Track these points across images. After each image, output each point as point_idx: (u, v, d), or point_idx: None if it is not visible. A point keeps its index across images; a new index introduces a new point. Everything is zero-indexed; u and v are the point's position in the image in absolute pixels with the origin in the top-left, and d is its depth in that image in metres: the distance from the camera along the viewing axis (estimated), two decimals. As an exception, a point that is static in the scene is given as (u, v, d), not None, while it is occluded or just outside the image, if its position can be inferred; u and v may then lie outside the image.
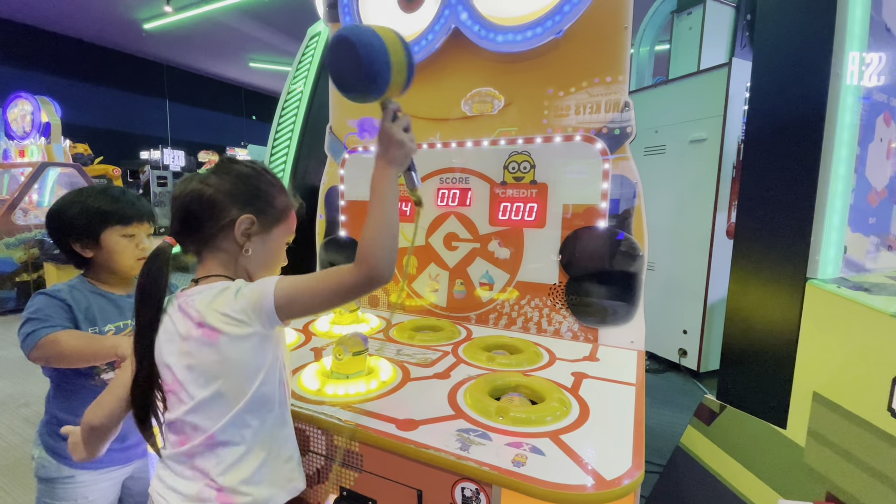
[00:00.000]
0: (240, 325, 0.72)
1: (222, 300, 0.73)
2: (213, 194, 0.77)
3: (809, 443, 1.13)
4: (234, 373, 0.74)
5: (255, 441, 0.77)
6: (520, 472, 0.76)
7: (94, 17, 10.31)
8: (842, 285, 1.11)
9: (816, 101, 1.09)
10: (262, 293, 0.72)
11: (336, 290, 0.73)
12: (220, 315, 0.72)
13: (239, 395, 0.75)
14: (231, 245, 0.80)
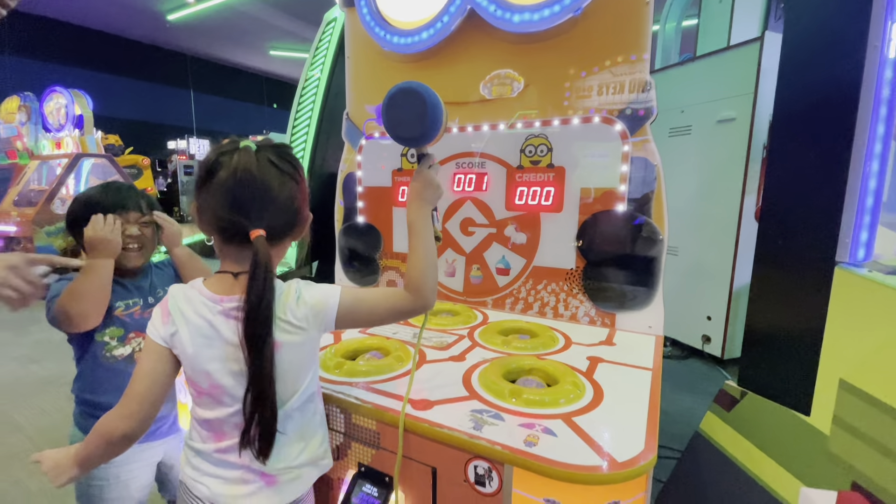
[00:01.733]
0: (299, 332, 0.74)
1: (283, 307, 0.73)
2: (296, 193, 0.75)
3: (834, 431, 1.11)
4: (287, 377, 0.75)
5: (295, 431, 0.79)
6: (531, 452, 0.77)
7: (121, 10, 10.54)
8: (874, 269, 1.07)
9: (851, 74, 1.03)
10: (326, 302, 0.76)
11: (391, 312, 0.83)
12: (281, 322, 0.72)
13: (288, 396, 0.76)
14: (285, 244, 0.81)
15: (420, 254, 0.83)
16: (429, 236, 0.85)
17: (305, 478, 0.81)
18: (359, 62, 1.89)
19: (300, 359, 0.77)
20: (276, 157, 0.74)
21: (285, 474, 0.77)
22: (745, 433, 1.31)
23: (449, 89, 1.66)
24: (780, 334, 1.23)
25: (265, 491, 0.76)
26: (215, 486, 0.76)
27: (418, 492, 0.90)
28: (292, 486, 0.78)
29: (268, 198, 0.72)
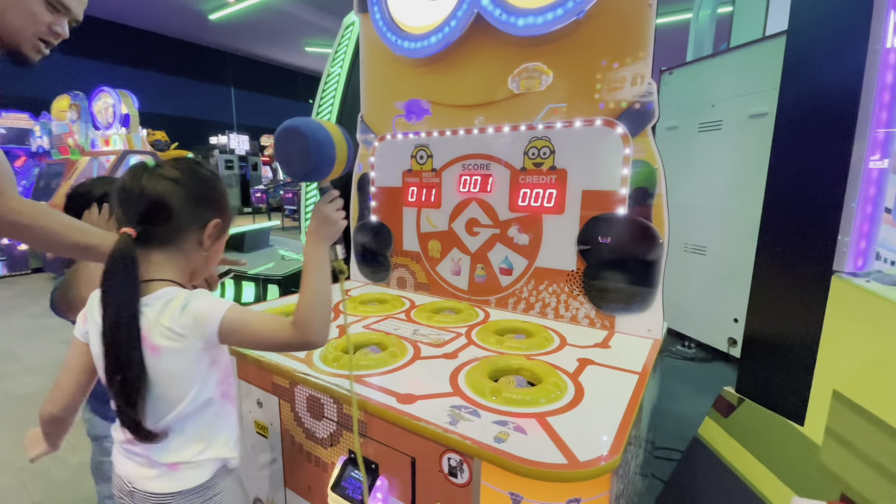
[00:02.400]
0: (180, 339, 0.77)
1: (168, 314, 0.77)
2: (189, 196, 0.81)
3: (826, 442, 1.09)
4: (173, 381, 0.79)
5: (195, 431, 0.84)
6: (499, 448, 0.81)
7: (166, 11, 11.06)
8: (875, 279, 1.04)
9: (851, 80, 1.00)
10: (208, 317, 0.76)
11: (272, 342, 0.81)
12: (164, 329, 0.76)
13: (177, 400, 0.80)
14: (191, 246, 0.84)
15: (309, 290, 0.80)
16: (321, 274, 0.82)
17: (207, 469, 0.85)
18: (372, 66, 1.95)
19: (183, 366, 0.79)
20: (166, 168, 0.81)
21: (186, 466, 0.83)
22: (741, 440, 1.30)
23: (457, 91, 1.70)
24: (777, 342, 1.21)
25: (168, 475, 0.83)
26: (129, 468, 0.84)
27: (400, 479, 0.96)
28: (194, 474, 0.84)
29: (140, 201, 0.79)
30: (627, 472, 1.01)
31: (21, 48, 0.90)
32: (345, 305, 0.91)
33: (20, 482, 1.97)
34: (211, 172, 0.88)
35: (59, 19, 0.93)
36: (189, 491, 0.83)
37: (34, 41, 0.91)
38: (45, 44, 0.94)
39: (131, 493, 0.85)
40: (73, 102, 5.61)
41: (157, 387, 0.79)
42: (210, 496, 0.86)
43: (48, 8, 0.90)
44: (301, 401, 1.14)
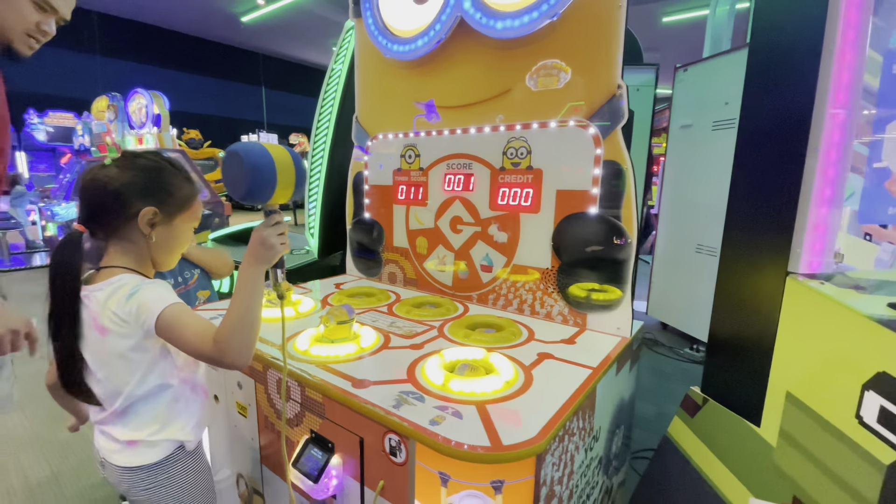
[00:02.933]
0: (123, 325, 0.84)
1: (115, 299, 0.83)
2: (118, 187, 0.86)
3: (780, 443, 1.09)
4: (118, 363, 0.87)
5: (149, 413, 0.92)
6: (431, 430, 0.87)
7: (200, 15, 11.55)
8: (829, 281, 1.03)
9: (807, 77, 1.00)
10: (147, 311, 0.82)
11: (196, 351, 0.84)
12: (111, 313, 0.83)
13: (123, 383, 0.88)
14: (136, 234, 0.89)
15: (235, 311, 0.81)
16: (251, 296, 0.83)
17: (162, 448, 0.93)
18: (366, 68, 2.03)
19: (126, 350, 0.85)
20: (108, 167, 0.88)
21: (142, 444, 0.92)
22: (705, 439, 1.30)
23: (444, 92, 1.76)
24: (737, 343, 1.21)
25: (128, 450, 0.92)
26: (101, 441, 0.95)
27: (351, 457, 1.03)
28: (150, 452, 0.93)
29: (83, 198, 0.88)
30: (571, 462, 1.04)
31: (12, 44, 1.03)
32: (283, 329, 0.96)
33: (43, 455, 2.15)
34: (153, 161, 0.93)
35: (46, 18, 1.05)
36: (146, 467, 0.92)
37: (24, 38, 1.03)
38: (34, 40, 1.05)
39: (102, 463, 0.96)
40: (111, 103, 5.98)
41: (105, 367, 0.87)
42: (166, 474, 0.95)
43: (36, 8, 1.02)
44: (272, 383, 1.22)
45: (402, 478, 0.93)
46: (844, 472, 0.95)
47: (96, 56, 11.14)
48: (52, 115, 8.41)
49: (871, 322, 0.90)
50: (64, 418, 2.38)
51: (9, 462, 2.09)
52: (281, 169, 0.84)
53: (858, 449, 0.92)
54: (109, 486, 1.92)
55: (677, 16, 9.53)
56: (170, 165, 0.96)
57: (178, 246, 0.99)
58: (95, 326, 0.86)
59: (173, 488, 0.95)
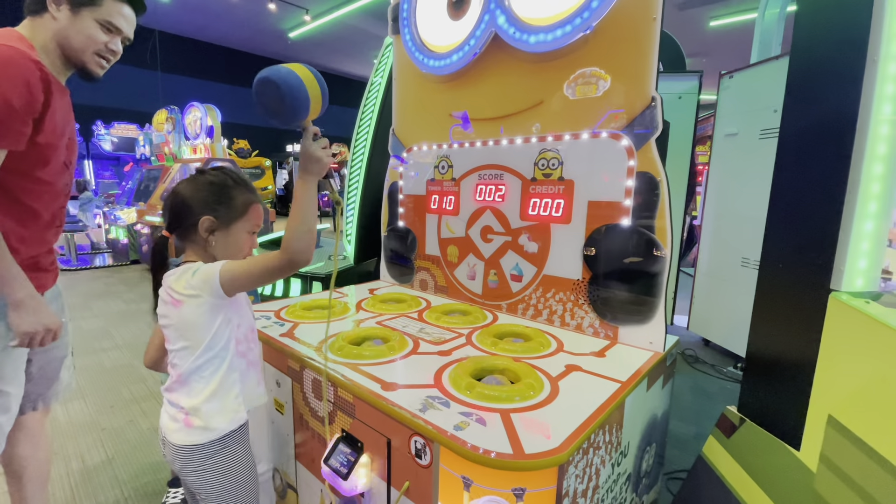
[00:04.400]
0: (194, 296, 0.97)
1: (184, 278, 0.98)
2: (186, 199, 1.02)
3: (821, 469, 1.04)
4: (192, 330, 0.99)
5: (210, 380, 1.02)
6: (456, 435, 0.90)
7: (252, 33, 12.22)
8: (875, 301, 0.98)
9: (850, 90, 0.96)
10: (211, 274, 0.96)
11: (264, 272, 0.95)
12: (183, 287, 0.98)
13: (196, 346, 1.00)
14: (200, 239, 1.03)
15: (293, 219, 0.93)
16: (306, 206, 0.94)
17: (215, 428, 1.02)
18: (404, 83, 2.10)
19: (199, 315, 0.99)
20: (181, 182, 1.05)
21: (198, 414, 1.01)
22: (741, 461, 1.25)
23: (478, 105, 1.80)
24: (776, 362, 1.16)
25: (185, 430, 1.01)
26: (164, 420, 1.06)
27: (379, 457, 1.07)
28: (204, 434, 1.01)
29: (165, 209, 1.06)
30: (597, 476, 1.04)
31: (86, 66, 1.16)
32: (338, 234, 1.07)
33: (100, 441, 2.33)
34: (216, 176, 1.06)
35: (113, 38, 1.17)
36: (199, 447, 1.01)
37: (95, 59, 1.16)
38: (105, 60, 1.18)
39: (163, 441, 1.06)
40: (170, 115, 6.42)
41: (179, 334, 1.01)
42: (214, 459, 1.03)
43: (103, 30, 1.14)
44: (308, 383, 1.29)
45: (426, 480, 0.96)
46: (887, 502, 0.90)
47: (157, 72, 12.00)
48: (117, 127, 9.12)
49: (921, 345, 0.86)
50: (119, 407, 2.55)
51: (68, 446, 2.27)
52: (310, 85, 0.90)
53: (907, 479, 0.87)
54: (159, 471, 2.06)
55: (725, 19, 9.20)
56: (230, 179, 1.09)
57: (236, 249, 1.10)
58: (171, 301, 1.00)
59: (220, 473, 1.03)
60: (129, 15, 1.22)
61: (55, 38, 1.13)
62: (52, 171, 1.17)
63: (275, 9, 10.56)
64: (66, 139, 1.20)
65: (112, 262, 6.39)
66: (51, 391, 1.40)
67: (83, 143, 9.88)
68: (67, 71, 1.19)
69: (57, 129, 1.14)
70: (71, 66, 1.18)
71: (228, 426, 1.05)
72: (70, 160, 1.26)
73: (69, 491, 1.94)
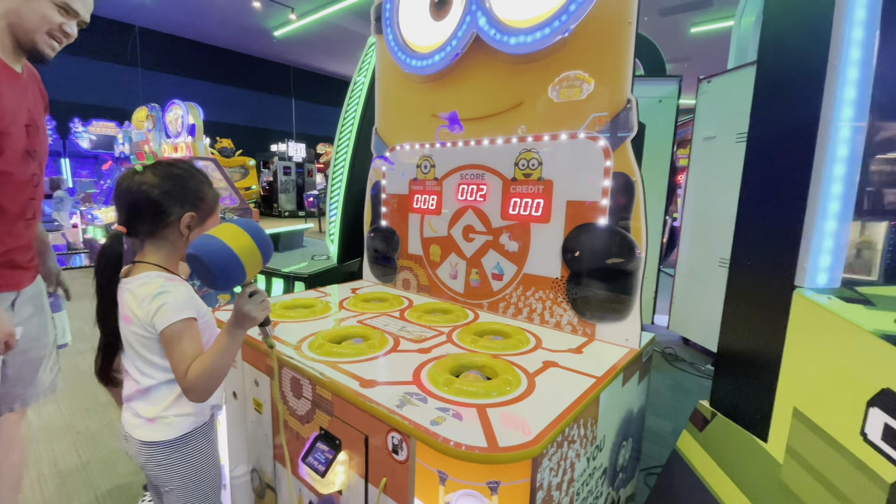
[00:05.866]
0: (143, 318, 0.95)
1: (139, 294, 0.94)
2: (158, 196, 0.97)
3: (787, 460, 1.07)
4: (142, 350, 0.97)
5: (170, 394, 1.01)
6: (431, 430, 0.90)
7: (236, 30, 12.06)
8: (838, 296, 1.02)
9: (813, 94, 1.00)
10: (164, 317, 0.92)
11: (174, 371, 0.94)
12: (134, 306, 0.95)
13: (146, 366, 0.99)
14: (174, 236, 1.00)
15: (208, 362, 0.91)
16: (224, 355, 0.93)
17: (179, 426, 1.02)
18: (387, 82, 2.11)
19: (145, 340, 0.96)
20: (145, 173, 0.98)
21: (161, 420, 1.01)
22: (713, 454, 1.29)
23: (459, 105, 1.81)
24: (744, 357, 1.20)
25: (148, 426, 1.00)
26: (126, 416, 1.04)
27: (357, 454, 1.07)
28: (168, 430, 1.01)
29: (124, 202, 0.98)
30: (572, 470, 1.05)
31: (37, 45, 1.13)
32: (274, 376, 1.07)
33: (74, 445, 2.27)
34: (185, 171, 1.03)
35: (68, 20, 1.15)
36: (164, 443, 1.01)
37: (47, 40, 1.14)
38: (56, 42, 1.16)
39: (126, 437, 1.04)
40: (150, 113, 6.31)
41: (130, 350, 0.99)
42: (180, 452, 1.03)
43: (59, 11, 1.12)
44: (286, 381, 1.28)
45: (403, 475, 0.96)
46: (849, 491, 0.93)
47: (138, 69, 11.77)
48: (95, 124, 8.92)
49: (875, 338, 0.89)
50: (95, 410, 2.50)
51: (41, 450, 2.21)
52: (245, 257, 0.86)
53: (863, 467, 0.91)
54: (135, 474, 2.02)
55: (705, 26, 9.43)
56: (198, 173, 1.07)
57: None
58: (122, 314, 0.98)
59: (184, 467, 1.03)
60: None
61: (6, 17, 1.09)
62: (8, 160, 1.13)
63: (260, 7, 10.45)
64: (24, 126, 1.16)
65: (89, 262, 6.24)
66: (29, 393, 1.36)
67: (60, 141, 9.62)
68: (19, 54, 1.16)
69: (6, 115, 1.10)
70: (22, 49, 1.15)
71: (193, 425, 1.04)
72: (33, 149, 1.21)
73: (40, 496, 1.89)
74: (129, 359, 1.01)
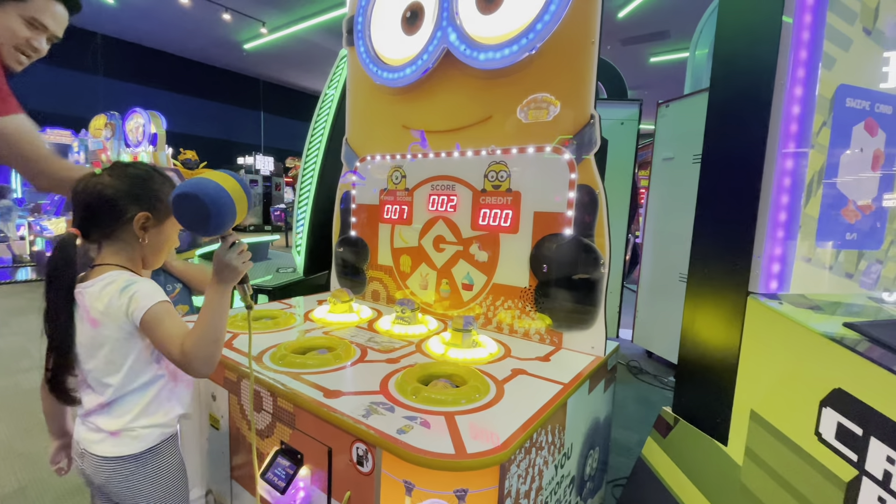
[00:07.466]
0: (115, 317, 0.90)
1: (108, 292, 0.90)
2: (113, 194, 0.93)
3: (746, 462, 1.10)
4: (111, 356, 0.92)
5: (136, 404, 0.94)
6: (398, 438, 0.88)
7: (204, 41, 11.86)
8: (789, 301, 1.07)
9: (761, 112, 1.07)
10: (137, 305, 0.88)
11: (166, 353, 0.90)
12: (104, 306, 0.90)
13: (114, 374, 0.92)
14: (130, 237, 0.96)
15: (201, 327, 0.87)
16: (217, 314, 0.88)
17: (146, 438, 0.95)
18: (357, 93, 2.11)
19: (118, 341, 0.91)
20: (101, 175, 0.94)
21: (126, 433, 0.94)
22: (676, 459, 1.31)
23: (430, 118, 1.83)
24: (703, 362, 1.23)
25: (111, 440, 0.93)
26: (81, 432, 0.96)
27: (319, 468, 1.03)
28: (134, 443, 0.94)
29: (78, 204, 0.94)
30: (540, 477, 1.05)
31: (2, 59, 1.07)
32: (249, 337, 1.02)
33: (11, 468, 2.08)
34: (143, 171, 0.99)
35: (37, 35, 1.09)
36: (128, 457, 0.94)
37: (14, 53, 1.08)
38: (24, 56, 1.10)
39: (82, 454, 0.95)
40: (109, 121, 6.06)
41: (95, 359, 0.91)
42: (146, 467, 0.95)
43: (27, 25, 1.07)
44: (244, 394, 1.22)
45: (368, 488, 0.93)
46: (807, 490, 0.97)
47: (99, 76, 11.33)
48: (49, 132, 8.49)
49: (826, 340, 0.94)
50: (34, 430, 2.32)
51: (-26, 476, 2.02)
52: (236, 198, 0.84)
53: (819, 466, 0.94)
54: (77, 494, 1.87)
55: (664, 56, 10.00)
56: (157, 174, 1.02)
57: (166, 246, 1.05)
58: (88, 319, 0.91)
59: (151, 484, 0.96)
60: (61, 13, 1.15)
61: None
62: None
63: (230, 19, 10.33)
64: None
65: (36, 276, 5.85)
66: None
67: (8, 149, 9.07)
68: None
69: None
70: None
71: (161, 437, 0.98)
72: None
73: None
74: (91, 369, 0.93)
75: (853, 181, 1.16)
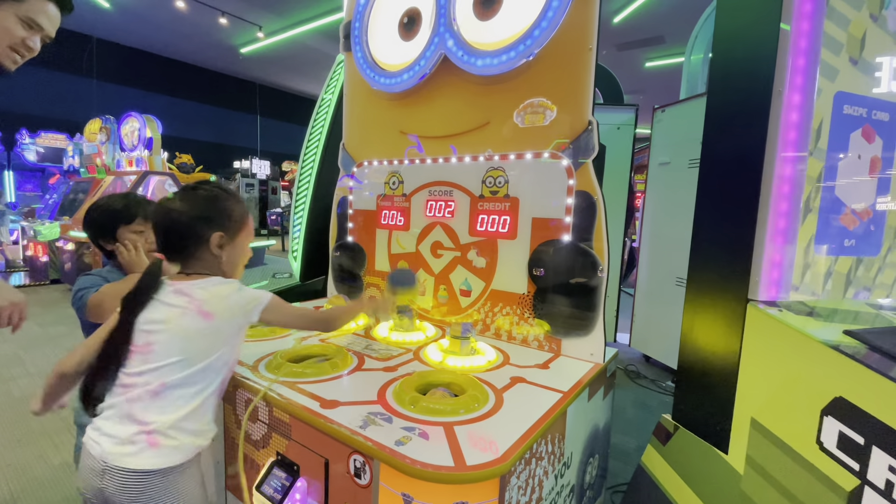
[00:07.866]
0: (232, 311, 0.97)
1: (225, 289, 0.97)
2: (189, 220, 0.98)
3: (747, 470, 1.09)
4: (204, 345, 0.94)
5: (193, 398, 0.93)
6: (397, 450, 0.87)
7: (200, 45, 11.84)
8: (788, 309, 1.07)
9: (759, 118, 1.07)
10: (257, 300, 1.00)
11: (301, 317, 1.14)
12: (220, 301, 0.96)
13: (193, 361, 0.93)
14: (208, 255, 1.01)
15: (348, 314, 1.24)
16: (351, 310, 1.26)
17: (185, 449, 0.92)
18: (354, 98, 2.10)
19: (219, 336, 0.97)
20: (173, 200, 1.00)
21: (167, 439, 0.90)
22: (676, 467, 1.30)
23: (427, 123, 1.83)
24: (703, 369, 1.23)
25: (149, 451, 0.88)
26: (105, 445, 0.89)
27: (316, 480, 1.01)
28: (171, 455, 0.90)
29: (159, 231, 1.01)
30: (540, 488, 1.03)
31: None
32: None
33: (4, 478, 2.05)
34: (210, 191, 1.02)
35: (32, 35, 1.09)
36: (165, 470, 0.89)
37: (8, 53, 1.07)
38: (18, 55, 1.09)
39: (104, 471, 0.88)
40: (104, 125, 6.03)
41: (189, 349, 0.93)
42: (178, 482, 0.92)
43: (22, 25, 1.06)
44: (240, 404, 1.20)
45: (365, 500, 0.91)
46: (808, 500, 0.96)
47: (93, 80, 11.29)
48: (44, 136, 8.44)
49: (826, 348, 0.94)
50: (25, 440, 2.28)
51: (-37, 488, 1.98)
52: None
53: (820, 475, 0.93)
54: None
55: (659, 61, 10.07)
56: (224, 192, 1.05)
57: (242, 259, 1.09)
58: (200, 312, 0.94)
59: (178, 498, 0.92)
60: (54, 13, 1.15)
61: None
62: None
63: (226, 23, 10.32)
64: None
65: (29, 281, 5.80)
66: None
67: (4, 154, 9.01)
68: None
69: None
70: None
71: (196, 449, 0.96)
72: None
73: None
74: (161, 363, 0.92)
75: (851, 188, 1.17)
